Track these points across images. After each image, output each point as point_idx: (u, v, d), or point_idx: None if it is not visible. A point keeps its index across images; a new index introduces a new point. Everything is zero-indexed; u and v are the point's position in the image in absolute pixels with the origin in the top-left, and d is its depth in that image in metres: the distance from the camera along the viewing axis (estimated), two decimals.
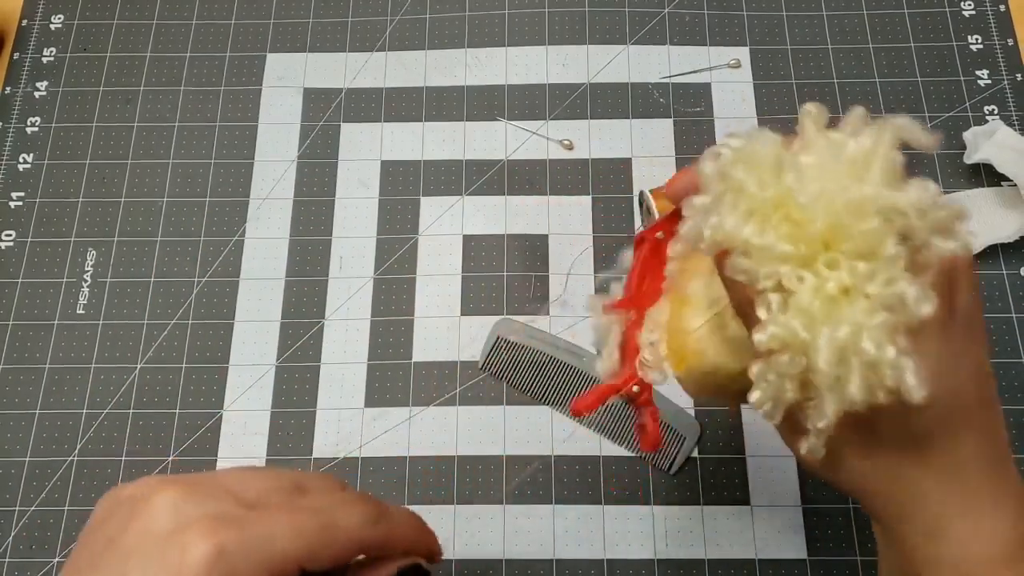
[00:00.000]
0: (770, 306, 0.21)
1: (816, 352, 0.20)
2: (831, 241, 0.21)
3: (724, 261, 0.23)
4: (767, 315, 0.21)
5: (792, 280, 0.21)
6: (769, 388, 0.22)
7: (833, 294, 0.20)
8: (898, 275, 0.20)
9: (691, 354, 0.27)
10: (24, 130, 0.52)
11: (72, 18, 0.55)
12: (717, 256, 0.23)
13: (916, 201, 0.20)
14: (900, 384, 0.20)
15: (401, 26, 0.54)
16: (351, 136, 0.51)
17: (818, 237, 0.21)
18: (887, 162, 0.21)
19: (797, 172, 0.21)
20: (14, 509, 0.43)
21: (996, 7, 0.53)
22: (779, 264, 0.21)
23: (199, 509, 0.23)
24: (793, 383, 0.21)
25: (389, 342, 0.46)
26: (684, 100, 0.51)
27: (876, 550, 0.41)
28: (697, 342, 0.26)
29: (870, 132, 0.22)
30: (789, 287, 0.21)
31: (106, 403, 0.45)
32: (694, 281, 0.27)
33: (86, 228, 0.49)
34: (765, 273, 0.21)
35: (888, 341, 0.20)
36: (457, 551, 0.42)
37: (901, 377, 0.20)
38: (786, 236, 0.21)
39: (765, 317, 0.21)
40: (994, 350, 0.45)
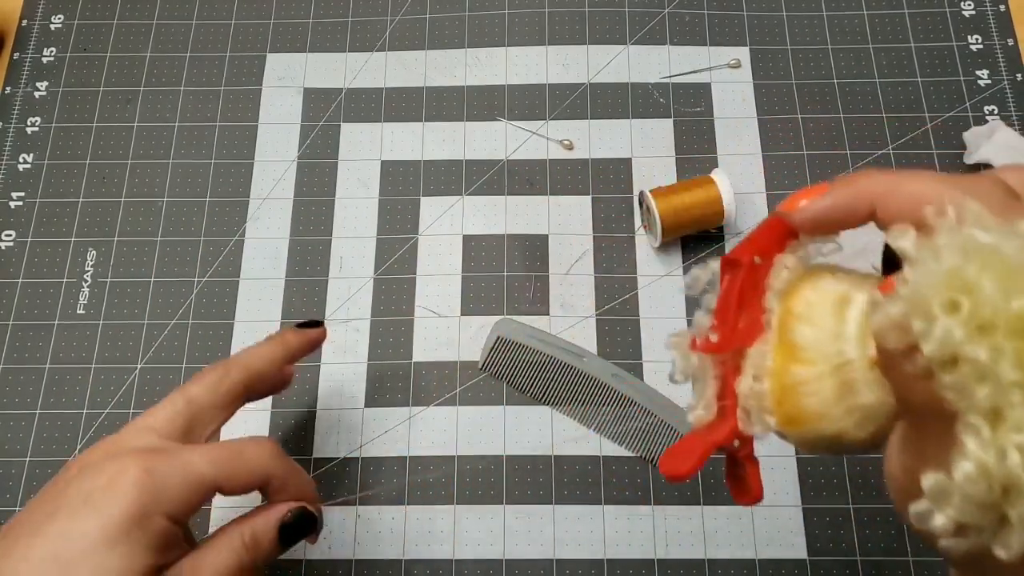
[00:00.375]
0: (980, 433, 0.18)
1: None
2: None
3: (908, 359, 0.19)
4: (976, 441, 0.18)
5: (1017, 409, 0.18)
6: (953, 514, 0.19)
7: None
8: None
9: (809, 417, 0.23)
10: (24, 130, 0.52)
11: (72, 18, 0.55)
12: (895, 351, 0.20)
13: None
14: None
15: (401, 26, 0.54)
16: (351, 136, 0.51)
17: None
18: None
19: None
20: (14, 509, 0.43)
21: (996, 7, 0.53)
22: (1007, 390, 0.18)
23: (130, 445, 0.30)
24: (976, 510, 0.19)
25: (389, 342, 0.46)
26: (684, 100, 0.51)
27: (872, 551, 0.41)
28: (820, 405, 0.23)
29: None
30: (1004, 412, 0.18)
31: (106, 403, 0.45)
32: (805, 327, 0.23)
33: (86, 228, 0.49)
34: (984, 395, 0.18)
35: None
36: (457, 551, 0.42)
37: None
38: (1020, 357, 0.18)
39: (973, 444, 0.18)
40: None
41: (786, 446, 0.43)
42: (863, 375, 0.22)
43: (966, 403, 0.18)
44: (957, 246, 0.19)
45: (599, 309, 0.46)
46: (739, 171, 0.49)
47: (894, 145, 0.49)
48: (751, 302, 0.25)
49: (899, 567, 0.41)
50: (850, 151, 0.49)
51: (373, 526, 0.42)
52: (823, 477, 0.42)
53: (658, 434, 0.43)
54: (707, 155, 0.50)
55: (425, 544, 0.42)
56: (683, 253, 0.47)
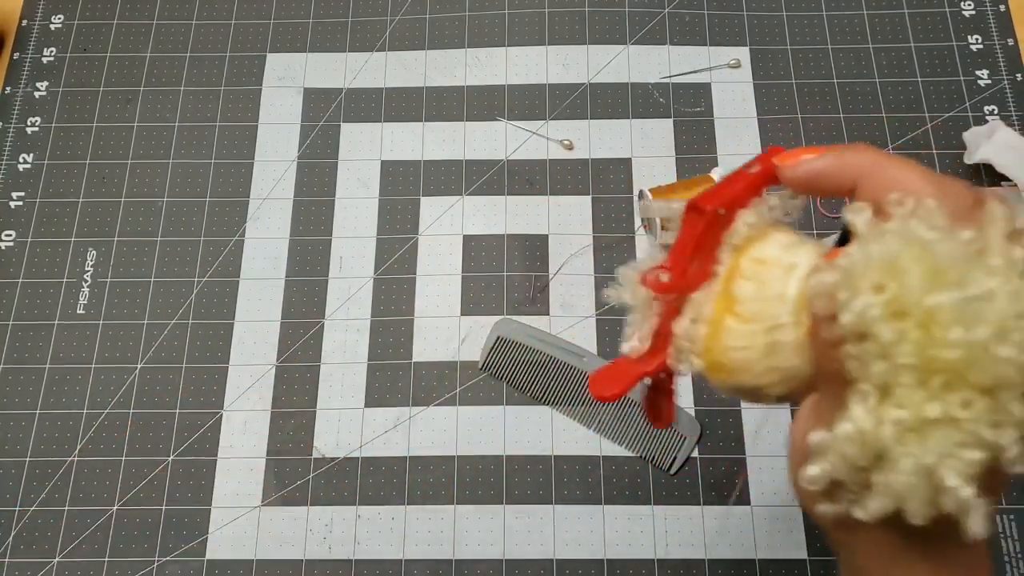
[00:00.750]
0: (867, 399, 0.20)
1: (894, 463, 0.20)
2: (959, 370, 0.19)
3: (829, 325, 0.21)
4: (861, 407, 0.20)
5: (901, 389, 0.20)
6: (827, 467, 0.21)
7: (935, 416, 0.19)
8: (1010, 428, 0.20)
9: (732, 368, 0.24)
10: (24, 130, 0.52)
11: (72, 18, 0.55)
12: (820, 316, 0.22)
13: None
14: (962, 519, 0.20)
15: (401, 26, 0.54)
16: (351, 136, 0.51)
17: (950, 365, 0.19)
18: None
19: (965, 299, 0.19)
20: (14, 509, 0.43)
21: (996, 7, 0.53)
22: (898, 371, 0.20)
23: None
24: (849, 469, 0.21)
25: (389, 342, 0.46)
26: (684, 100, 0.51)
27: None
28: (744, 361, 0.24)
29: None
30: (891, 391, 0.20)
31: (106, 403, 0.45)
32: (749, 284, 0.24)
33: (86, 228, 0.49)
34: (878, 370, 0.20)
35: (970, 480, 0.19)
36: (457, 551, 0.42)
37: (967, 516, 0.20)
38: (918, 346, 0.19)
39: (857, 409, 0.20)
40: None
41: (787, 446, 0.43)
42: (791, 339, 0.23)
43: (863, 374, 0.20)
44: (900, 234, 0.20)
45: (599, 309, 0.46)
46: None
47: (894, 145, 0.49)
48: (706, 251, 0.25)
49: None
50: None
51: (373, 526, 0.42)
52: None
53: (658, 434, 0.43)
54: (707, 155, 0.50)
55: (425, 544, 0.42)
56: None
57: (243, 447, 0.44)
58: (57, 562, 0.42)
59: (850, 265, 0.21)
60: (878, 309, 0.20)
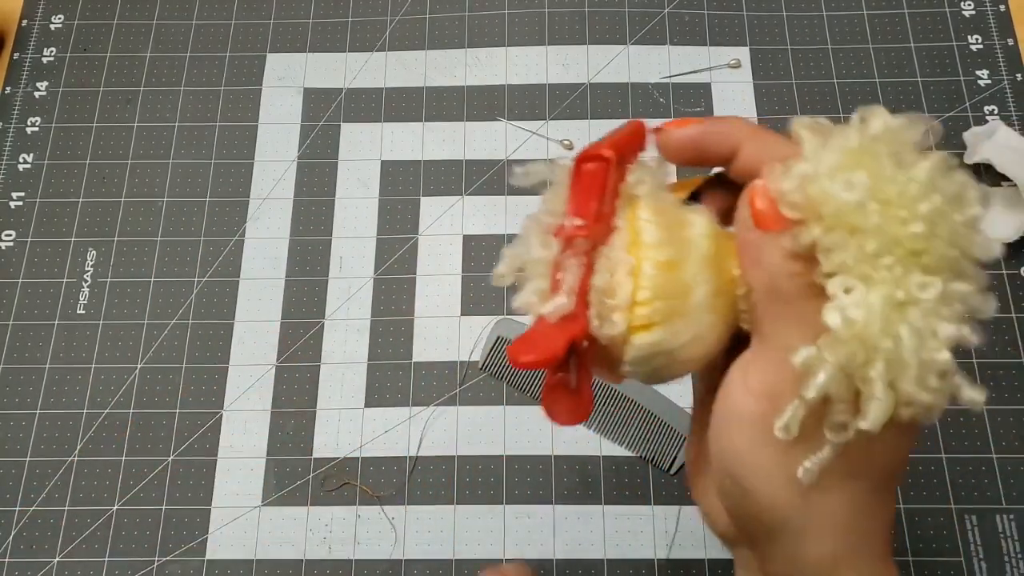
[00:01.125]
0: (851, 290, 0.20)
1: (898, 346, 0.20)
2: (915, 251, 0.20)
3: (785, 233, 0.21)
4: (848, 296, 0.20)
5: (876, 275, 0.20)
6: (827, 378, 0.20)
7: (900, 300, 0.20)
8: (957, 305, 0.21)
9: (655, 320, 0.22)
10: (24, 130, 0.52)
11: (72, 18, 0.55)
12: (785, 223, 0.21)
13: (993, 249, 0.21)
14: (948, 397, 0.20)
15: (401, 26, 0.54)
16: (351, 136, 0.51)
17: (914, 240, 0.20)
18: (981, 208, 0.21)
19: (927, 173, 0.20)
20: (14, 509, 0.43)
21: (996, 7, 0.53)
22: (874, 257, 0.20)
23: None
24: (840, 379, 0.20)
25: (389, 342, 0.46)
26: (684, 100, 0.51)
27: None
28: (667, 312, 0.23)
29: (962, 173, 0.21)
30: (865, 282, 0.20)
31: (106, 403, 0.45)
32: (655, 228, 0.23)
33: (86, 228, 0.49)
34: (856, 258, 0.20)
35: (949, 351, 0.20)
36: (457, 551, 0.42)
37: (959, 391, 0.21)
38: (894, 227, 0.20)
39: (844, 298, 0.20)
40: (994, 350, 0.45)
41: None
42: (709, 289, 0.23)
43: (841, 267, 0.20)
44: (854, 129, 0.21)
45: None
46: None
47: None
48: (607, 200, 0.24)
49: (899, 567, 0.41)
50: None
51: (373, 526, 0.42)
52: None
53: (658, 434, 0.43)
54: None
55: (425, 544, 0.42)
56: None
57: (243, 447, 0.44)
58: (57, 562, 0.42)
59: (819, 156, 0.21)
60: (864, 192, 0.20)
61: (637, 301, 0.22)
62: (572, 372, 0.24)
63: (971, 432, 0.43)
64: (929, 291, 0.20)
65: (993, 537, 0.41)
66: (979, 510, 0.42)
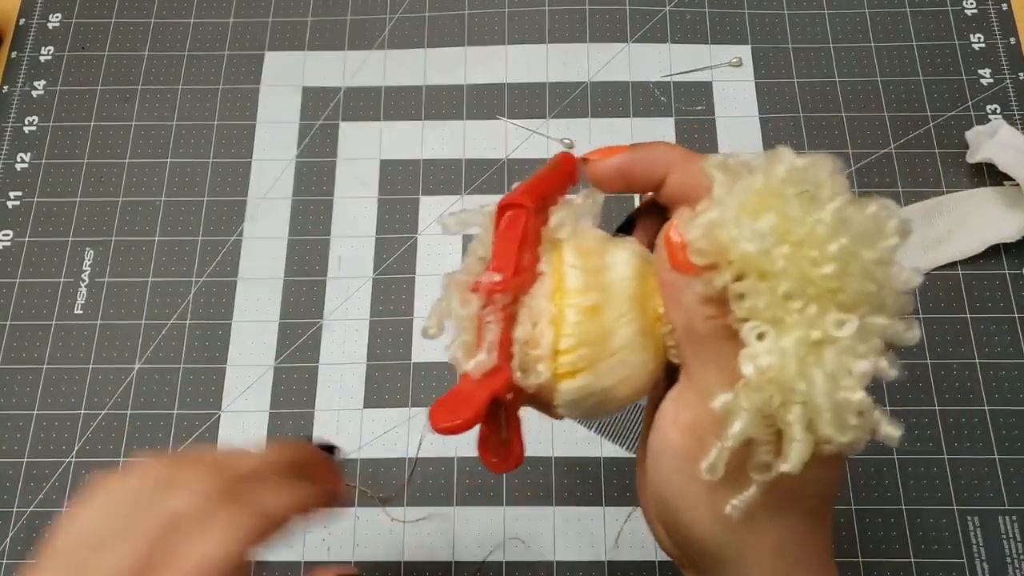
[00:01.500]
0: (763, 335, 0.20)
1: (811, 390, 0.20)
2: (829, 290, 0.20)
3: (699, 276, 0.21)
4: (760, 343, 0.20)
5: (789, 318, 0.20)
6: (746, 420, 0.20)
7: (815, 340, 0.20)
8: (876, 339, 0.21)
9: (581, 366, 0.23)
10: (22, 129, 0.51)
11: (70, 17, 0.55)
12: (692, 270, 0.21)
13: (909, 279, 0.21)
14: (869, 432, 0.20)
15: (400, 24, 0.54)
16: (350, 135, 0.51)
17: (825, 281, 0.20)
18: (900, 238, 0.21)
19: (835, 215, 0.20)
20: (12, 510, 0.43)
21: (998, 6, 0.53)
22: (785, 300, 0.20)
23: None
24: (759, 421, 0.20)
25: (388, 342, 0.46)
26: (685, 99, 0.51)
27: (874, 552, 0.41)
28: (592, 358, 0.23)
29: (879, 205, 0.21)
30: (779, 324, 0.20)
31: (104, 404, 0.45)
32: (578, 273, 0.23)
33: (84, 228, 0.49)
34: (767, 303, 0.20)
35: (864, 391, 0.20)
36: (457, 553, 0.42)
37: (877, 426, 0.20)
38: (803, 270, 0.20)
39: (756, 345, 0.20)
40: (995, 350, 0.44)
41: None
42: (634, 329, 0.23)
43: (753, 312, 0.20)
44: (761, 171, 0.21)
45: None
46: None
47: (896, 144, 0.49)
48: (527, 249, 0.24)
49: (901, 568, 0.41)
50: (852, 150, 0.49)
51: (373, 527, 0.42)
52: None
53: None
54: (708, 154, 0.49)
55: (425, 545, 0.42)
56: None
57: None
58: None
59: (725, 202, 0.21)
60: (769, 237, 0.20)
61: (560, 350, 0.23)
62: (502, 423, 0.24)
63: (973, 433, 0.43)
64: (845, 329, 0.20)
65: (995, 538, 0.41)
66: (981, 511, 0.41)
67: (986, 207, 0.47)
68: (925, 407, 0.43)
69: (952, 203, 0.47)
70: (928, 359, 0.44)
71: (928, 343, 0.45)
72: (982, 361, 0.44)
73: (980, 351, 0.44)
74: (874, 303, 0.21)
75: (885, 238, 0.21)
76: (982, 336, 0.45)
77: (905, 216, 0.21)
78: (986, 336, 0.45)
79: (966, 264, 0.46)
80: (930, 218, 0.47)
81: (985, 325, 0.45)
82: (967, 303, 0.45)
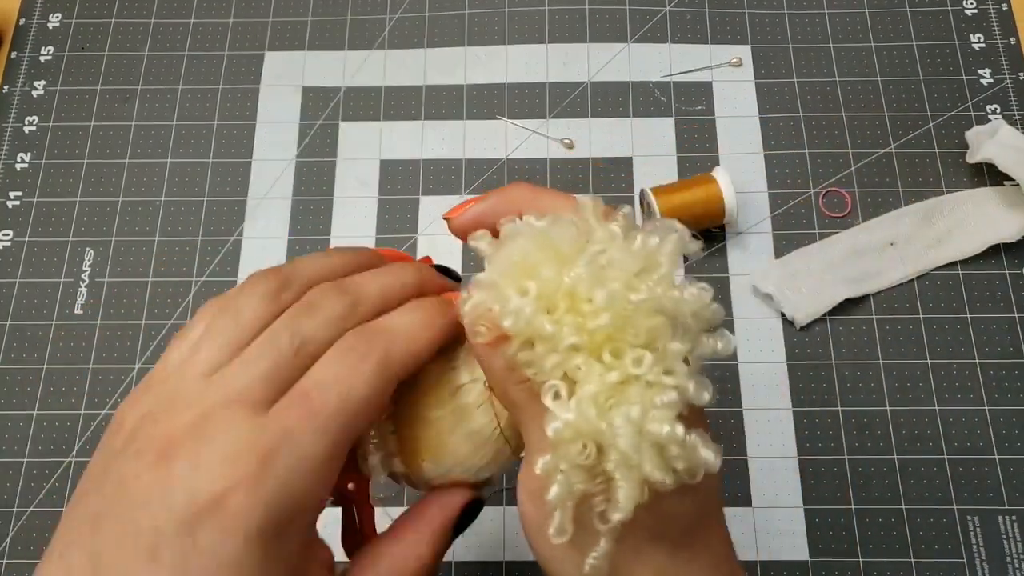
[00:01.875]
0: (559, 394, 0.21)
1: (614, 434, 0.20)
2: (614, 333, 0.21)
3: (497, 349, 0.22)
4: (557, 403, 0.20)
5: (581, 370, 0.21)
6: (564, 481, 0.21)
7: (617, 382, 0.20)
8: (679, 366, 0.21)
9: (428, 448, 0.24)
10: (22, 129, 0.51)
11: (70, 17, 0.55)
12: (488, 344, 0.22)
13: (694, 301, 0.21)
14: (694, 460, 0.20)
15: (400, 24, 0.54)
16: (350, 135, 0.51)
17: (604, 329, 0.21)
18: (673, 263, 0.22)
19: (592, 264, 0.21)
20: (12, 510, 0.43)
21: (998, 6, 0.52)
22: (569, 355, 0.21)
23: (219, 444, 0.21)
24: (583, 475, 0.21)
25: None
26: (686, 98, 0.51)
27: (874, 552, 0.41)
28: (438, 435, 0.24)
29: (657, 229, 0.22)
30: (575, 377, 0.21)
31: (104, 404, 0.45)
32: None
33: (84, 228, 0.49)
34: (553, 363, 0.21)
35: (676, 421, 0.20)
36: (457, 552, 0.41)
37: (695, 453, 0.20)
38: (575, 326, 0.21)
39: (554, 406, 0.20)
40: (995, 350, 0.44)
41: (788, 446, 0.43)
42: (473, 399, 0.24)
43: (544, 374, 0.21)
44: (516, 234, 0.22)
45: None
46: (740, 169, 0.48)
47: (896, 144, 0.49)
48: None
49: (901, 568, 0.41)
50: (852, 150, 0.49)
51: None
52: (825, 478, 0.42)
53: None
54: (708, 154, 0.49)
55: None
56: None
57: None
58: None
59: (488, 280, 0.22)
60: (530, 306, 0.21)
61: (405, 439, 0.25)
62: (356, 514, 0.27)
63: (973, 433, 0.43)
64: (643, 364, 0.20)
65: (995, 538, 0.41)
66: (981, 511, 0.41)
67: (986, 207, 0.47)
68: (925, 407, 0.43)
69: (952, 203, 0.47)
70: (928, 359, 0.44)
71: (928, 343, 0.45)
72: (982, 361, 0.44)
73: (980, 351, 0.44)
74: (669, 331, 0.21)
75: (656, 269, 0.21)
76: (982, 336, 0.45)
77: (680, 234, 0.22)
78: (986, 336, 0.45)
79: (966, 264, 0.46)
80: (930, 218, 0.47)
81: (985, 325, 0.45)
82: (967, 303, 0.45)
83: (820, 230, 0.47)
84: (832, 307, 0.45)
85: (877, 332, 0.45)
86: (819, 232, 0.47)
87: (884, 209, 0.47)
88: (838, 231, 0.47)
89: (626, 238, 0.22)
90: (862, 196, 0.48)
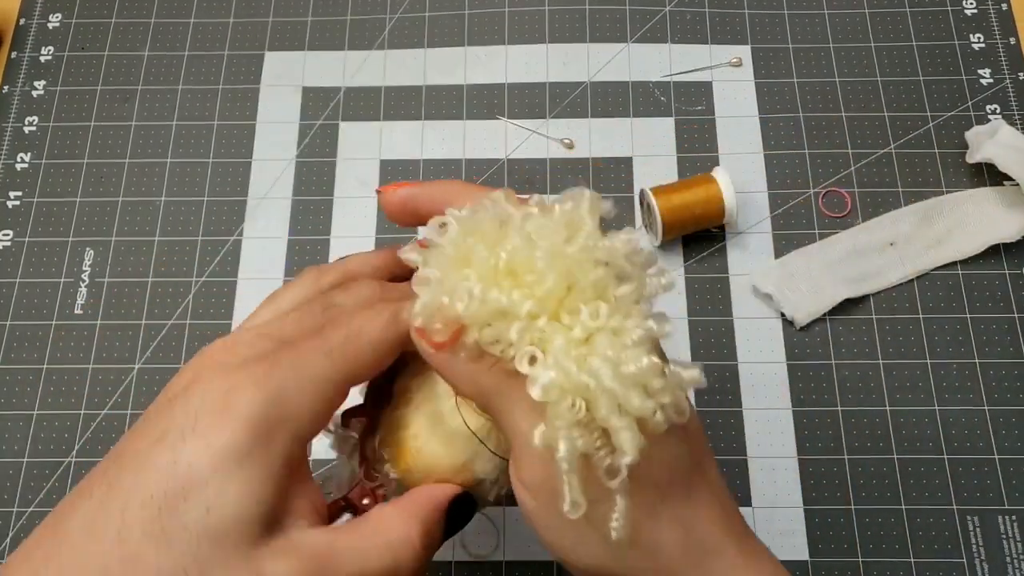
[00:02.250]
0: (535, 357, 0.21)
1: (599, 381, 0.21)
2: (564, 296, 0.22)
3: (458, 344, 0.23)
4: (535, 366, 0.21)
5: (546, 332, 0.21)
6: (567, 437, 0.21)
7: (583, 338, 0.21)
8: (634, 308, 0.22)
9: (408, 453, 0.26)
10: (22, 129, 0.51)
11: (70, 17, 0.55)
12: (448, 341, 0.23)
13: (625, 246, 0.22)
14: (677, 389, 0.21)
15: (400, 24, 0.54)
16: (350, 135, 0.51)
17: (553, 292, 0.21)
18: (595, 219, 0.23)
19: (522, 235, 0.22)
20: (12, 510, 0.43)
21: (998, 6, 0.53)
22: (530, 321, 0.21)
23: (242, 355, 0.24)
24: (580, 431, 0.21)
25: None
26: (685, 99, 0.51)
27: (874, 552, 0.41)
28: (414, 439, 0.26)
29: (569, 197, 0.23)
30: (543, 341, 0.21)
31: (104, 404, 0.45)
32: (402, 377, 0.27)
33: (84, 228, 0.49)
34: (518, 329, 0.21)
35: (650, 354, 0.21)
36: (457, 552, 0.41)
37: (678, 378, 0.21)
38: (526, 296, 0.22)
39: (533, 370, 0.21)
40: (995, 350, 0.44)
41: (788, 446, 0.43)
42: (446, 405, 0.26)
43: (512, 347, 0.22)
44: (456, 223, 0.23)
45: None
46: (740, 170, 0.48)
47: (896, 144, 0.49)
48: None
49: (900, 568, 0.41)
50: (852, 150, 0.49)
51: None
52: (825, 477, 0.42)
53: None
54: (708, 154, 0.49)
55: None
56: (684, 252, 0.47)
57: None
58: None
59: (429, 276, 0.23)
60: (478, 285, 0.22)
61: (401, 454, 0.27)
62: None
63: (973, 432, 0.43)
64: (601, 315, 0.21)
65: (995, 538, 0.41)
66: (981, 511, 0.41)
67: (986, 207, 0.47)
68: (925, 407, 0.43)
69: (952, 203, 0.47)
70: (928, 359, 0.44)
71: (928, 343, 0.45)
72: (982, 361, 0.44)
73: (980, 351, 0.44)
74: (614, 279, 0.22)
75: (581, 227, 0.22)
76: (982, 336, 0.45)
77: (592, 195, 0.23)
78: (986, 336, 0.45)
79: (966, 264, 0.46)
80: (930, 218, 0.47)
81: (985, 325, 0.45)
82: (967, 303, 0.45)
83: (820, 230, 0.47)
84: (832, 307, 0.45)
85: (877, 332, 0.45)
86: (819, 232, 0.47)
87: (884, 209, 0.47)
88: (838, 231, 0.47)
89: (544, 212, 0.23)
90: (862, 196, 0.48)
